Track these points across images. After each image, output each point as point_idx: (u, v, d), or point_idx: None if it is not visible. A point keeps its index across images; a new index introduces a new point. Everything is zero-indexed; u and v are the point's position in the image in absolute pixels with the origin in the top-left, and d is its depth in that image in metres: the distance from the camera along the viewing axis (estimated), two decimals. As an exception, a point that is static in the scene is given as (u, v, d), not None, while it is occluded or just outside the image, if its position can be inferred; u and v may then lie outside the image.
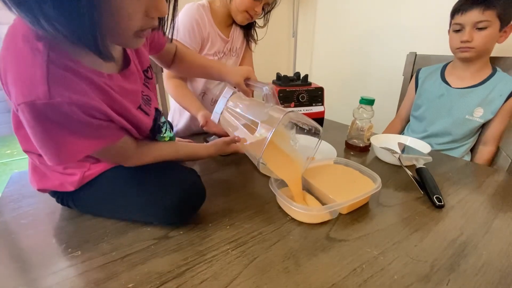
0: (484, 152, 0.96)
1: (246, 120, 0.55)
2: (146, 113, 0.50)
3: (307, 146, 0.58)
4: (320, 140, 0.56)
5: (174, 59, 0.69)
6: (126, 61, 0.47)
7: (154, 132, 0.53)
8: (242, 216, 0.50)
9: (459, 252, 0.43)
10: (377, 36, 1.44)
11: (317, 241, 0.44)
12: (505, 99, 0.89)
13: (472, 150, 1.01)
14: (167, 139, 0.56)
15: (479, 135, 0.99)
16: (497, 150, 0.97)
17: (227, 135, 0.66)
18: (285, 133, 0.58)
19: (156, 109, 0.53)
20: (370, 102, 0.77)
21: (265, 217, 0.50)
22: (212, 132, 0.80)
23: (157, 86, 1.06)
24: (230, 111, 0.57)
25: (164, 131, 0.55)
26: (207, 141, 0.82)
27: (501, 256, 0.42)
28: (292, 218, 0.50)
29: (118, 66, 0.45)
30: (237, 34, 0.96)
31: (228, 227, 0.47)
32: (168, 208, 0.44)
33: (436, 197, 0.54)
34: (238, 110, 0.56)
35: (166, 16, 0.40)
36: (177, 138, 0.74)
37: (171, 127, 0.92)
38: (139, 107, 0.48)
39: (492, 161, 0.98)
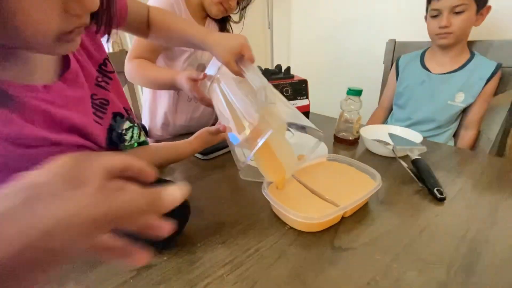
0: (467, 136, 0.97)
1: (235, 109, 0.47)
2: (98, 122, 0.41)
3: (301, 144, 0.53)
4: (319, 144, 0.52)
5: (149, 25, 0.57)
6: (66, 61, 0.38)
7: (113, 143, 0.45)
8: (235, 231, 0.44)
9: (472, 250, 0.40)
10: (355, 25, 1.42)
11: (322, 253, 0.39)
12: (485, 83, 0.90)
13: (454, 135, 1.02)
14: (135, 145, 0.48)
15: (461, 119, 1.00)
16: (478, 133, 0.99)
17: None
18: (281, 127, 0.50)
19: (115, 114, 0.45)
20: (358, 92, 0.73)
21: (261, 229, 0.44)
22: (201, 101, 0.63)
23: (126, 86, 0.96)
24: (219, 87, 0.48)
25: (129, 138, 0.47)
26: None
27: (513, 249, 0.40)
28: (291, 227, 0.44)
29: (57, 69, 0.36)
30: (211, 28, 0.89)
31: (220, 245, 0.41)
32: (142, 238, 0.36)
33: (437, 190, 0.52)
34: (228, 91, 0.47)
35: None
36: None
37: (145, 130, 0.82)
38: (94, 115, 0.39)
39: (474, 144, 0.99)
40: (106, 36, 0.41)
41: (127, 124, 0.47)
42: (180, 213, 0.41)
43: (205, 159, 0.70)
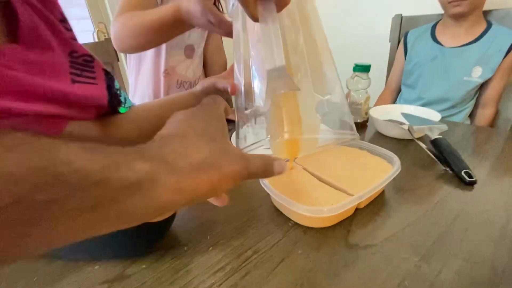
0: (484, 116, 0.89)
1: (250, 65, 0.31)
2: (90, 82, 0.34)
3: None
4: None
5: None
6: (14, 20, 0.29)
7: (113, 105, 0.37)
8: (229, 230, 0.37)
9: (518, 242, 0.32)
10: (358, 1, 1.32)
11: (335, 253, 0.32)
12: (505, 54, 0.81)
13: (470, 115, 0.94)
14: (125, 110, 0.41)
15: (477, 97, 0.91)
16: (496, 112, 0.90)
17: None
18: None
19: (105, 71, 0.37)
20: (366, 68, 0.65)
21: (260, 227, 0.37)
22: (219, 26, 0.44)
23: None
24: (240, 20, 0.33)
25: (124, 100, 0.40)
26: None
27: None
28: (296, 223, 0.37)
29: (4, 30, 0.29)
30: None
31: (211, 248, 0.34)
32: (116, 242, 0.30)
33: (465, 172, 0.44)
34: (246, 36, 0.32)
35: None
36: None
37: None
38: (73, 80, 0.32)
39: (492, 124, 0.91)
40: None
41: (117, 83, 0.39)
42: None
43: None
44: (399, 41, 1.06)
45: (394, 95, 1.08)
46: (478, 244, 0.32)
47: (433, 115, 0.64)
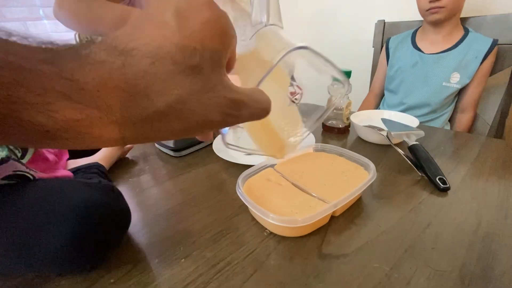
0: (463, 120, 0.92)
1: None
2: None
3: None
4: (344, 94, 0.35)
5: None
6: None
7: None
8: (203, 240, 0.36)
9: (486, 249, 0.33)
10: (342, 7, 1.34)
11: (307, 263, 0.32)
12: (481, 61, 0.84)
13: (450, 119, 0.96)
14: None
15: (456, 102, 0.94)
16: (475, 116, 0.93)
17: None
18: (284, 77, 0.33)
19: None
20: (346, 74, 0.66)
21: (235, 237, 0.37)
22: None
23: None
24: None
25: None
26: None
27: (534, 246, 0.33)
28: (271, 232, 0.37)
29: None
30: None
31: (183, 260, 0.33)
32: (52, 256, 0.28)
33: (439, 179, 0.45)
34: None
35: None
36: None
37: None
38: None
39: (471, 128, 0.94)
40: None
41: None
42: (116, 219, 0.33)
43: (178, 156, 0.62)
44: (382, 46, 1.08)
45: (378, 100, 1.10)
46: (448, 251, 0.33)
47: (412, 120, 0.65)
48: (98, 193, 0.31)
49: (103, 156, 0.54)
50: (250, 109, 0.17)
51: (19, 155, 0.35)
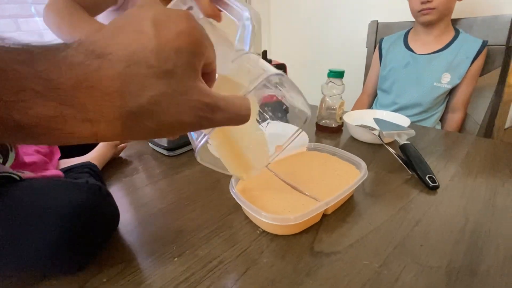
0: (454, 120, 0.93)
1: None
2: None
3: (277, 134, 0.44)
4: (300, 129, 0.38)
5: None
6: None
7: None
8: (196, 239, 0.36)
9: (473, 245, 0.34)
10: (336, 7, 1.35)
11: (299, 261, 0.32)
12: (471, 62, 0.85)
13: (441, 119, 0.98)
14: None
15: (447, 102, 0.95)
16: (465, 116, 0.95)
17: None
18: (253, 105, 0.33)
19: None
20: (340, 74, 0.67)
21: (228, 236, 0.37)
22: None
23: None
24: None
25: None
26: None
27: (519, 242, 0.34)
28: (264, 231, 0.37)
29: None
30: None
31: (176, 259, 0.33)
32: (37, 257, 0.28)
33: (429, 177, 0.46)
34: None
35: None
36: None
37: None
38: None
39: (461, 128, 0.95)
40: None
41: None
42: (102, 220, 0.32)
43: (171, 155, 0.62)
44: (375, 47, 1.09)
45: (371, 99, 1.11)
46: (436, 248, 0.34)
47: (403, 120, 0.66)
48: (84, 194, 0.31)
49: (96, 156, 0.53)
50: (226, 113, 0.17)
51: (0, 161, 0.34)
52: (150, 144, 0.66)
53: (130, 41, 0.14)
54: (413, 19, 0.93)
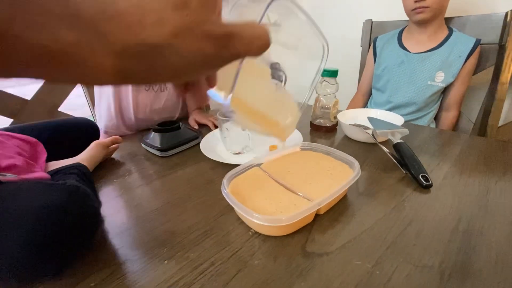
0: (448, 118, 0.93)
1: None
2: None
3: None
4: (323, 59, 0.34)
5: None
6: None
7: None
8: (187, 241, 0.36)
9: (465, 244, 0.34)
10: (330, 7, 1.35)
11: (291, 262, 0.32)
12: (465, 60, 0.86)
13: (435, 118, 0.98)
14: None
15: (441, 101, 0.96)
16: (459, 114, 0.95)
17: None
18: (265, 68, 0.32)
19: None
20: (333, 73, 0.66)
21: (220, 237, 0.36)
22: None
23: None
24: None
25: None
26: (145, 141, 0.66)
27: (510, 241, 0.34)
28: (256, 232, 0.37)
29: None
30: None
31: (166, 262, 0.33)
32: (10, 262, 0.27)
33: (422, 176, 0.46)
34: None
35: None
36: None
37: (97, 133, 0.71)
38: None
39: (455, 126, 0.96)
40: None
41: None
42: (79, 222, 0.31)
43: (164, 156, 0.61)
44: (370, 45, 1.09)
45: (366, 98, 1.11)
46: (429, 248, 0.33)
47: (397, 119, 0.66)
48: (58, 194, 0.30)
49: (86, 157, 0.53)
50: (245, 40, 0.17)
51: None
52: (143, 145, 0.66)
53: None
54: (407, 18, 0.94)
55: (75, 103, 1.39)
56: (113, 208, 0.44)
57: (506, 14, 0.82)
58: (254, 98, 0.29)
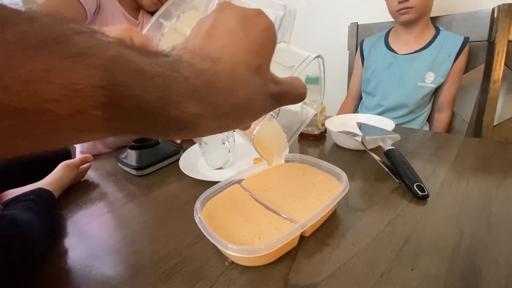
0: (441, 119, 0.90)
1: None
2: None
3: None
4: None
5: None
6: None
7: None
8: (153, 278, 0.31)
9: (470, 264, 0.30)
10: (315, 11, 1.33)
11: (271, 299, 0.28)
12: (454, 59, 0.83)
13: (428, 119, 0.95)
14: None
15: (433, 102, 0.93)
16: (452, 115, 0.92)
17: None
18: None
19: None
20: (315, 80, 0.63)
21: (192, 270, 0.32)
22: None
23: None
24: None
25: None
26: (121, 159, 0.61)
27: (520, 258, 0.30)
28: (233, 262, 0.33)
29: None
30: (147, 21, 0.77)
31: (126, 305, 0.28)
32: None
33: (417, 186, 0.42)
34: None
35: None
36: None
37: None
38: None
39: (449, 127, 0.93)
40: None
41: None
42: (12, 253, 0.27)
43: (141, 174, 0.56)
44: (357, 49, 1.07)
45: (356, 102, 1.08)
46: (428, 272, 0.29)
47: (387, 123, 0.62)
48: None
49: (51, 181, 0.48)
50: (293, 95, 0.20)
51: None
52: (119, 164, 0.61)
53: (227, 43, 0.17)
54: (393, 19, 0.92)
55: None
56: (76, 239, 0.40)
57: (493, 10, 0.80)
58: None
